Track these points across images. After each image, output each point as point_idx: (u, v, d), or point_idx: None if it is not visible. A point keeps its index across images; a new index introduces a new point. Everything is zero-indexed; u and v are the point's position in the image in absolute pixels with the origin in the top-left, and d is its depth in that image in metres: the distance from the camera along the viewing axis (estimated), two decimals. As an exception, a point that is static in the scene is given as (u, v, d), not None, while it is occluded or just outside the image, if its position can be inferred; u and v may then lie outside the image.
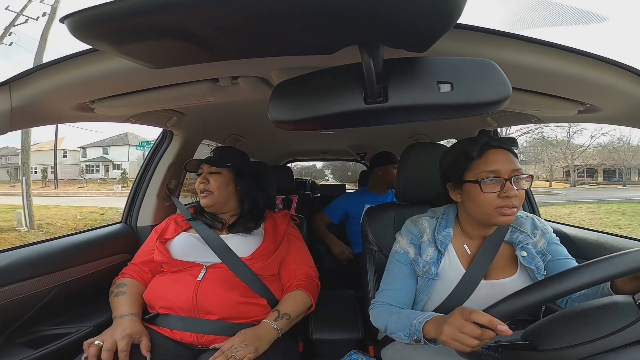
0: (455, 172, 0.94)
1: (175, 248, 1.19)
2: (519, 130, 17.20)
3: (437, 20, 0.42)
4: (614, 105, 0.91)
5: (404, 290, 1.00)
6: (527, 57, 0.71)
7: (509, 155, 0.88)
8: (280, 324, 1.06)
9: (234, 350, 0.92)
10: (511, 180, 0.85)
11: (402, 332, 0.86)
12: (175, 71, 0.72)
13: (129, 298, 1.11)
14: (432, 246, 0.98)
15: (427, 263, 0.97)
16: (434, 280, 0.96)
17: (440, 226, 1.00)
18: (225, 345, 0.95)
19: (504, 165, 0.86)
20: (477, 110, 0.52)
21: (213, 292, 1.07)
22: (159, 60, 0.56)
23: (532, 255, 0.93)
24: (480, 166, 0.88)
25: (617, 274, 0.61)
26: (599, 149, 24.92)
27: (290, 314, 1.10)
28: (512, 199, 0.84)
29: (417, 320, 0.82)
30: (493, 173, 0.86)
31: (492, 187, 0.85)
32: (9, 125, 0.86)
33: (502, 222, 0.87)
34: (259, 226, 1.27)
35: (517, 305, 0.65)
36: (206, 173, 1.25)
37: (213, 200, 1.23)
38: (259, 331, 1.02)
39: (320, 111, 0.54)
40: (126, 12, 0.40)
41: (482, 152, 0.89)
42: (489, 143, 0.90)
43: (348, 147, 3.29)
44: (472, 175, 0.89)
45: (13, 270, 1.01)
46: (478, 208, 0.89)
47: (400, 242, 1.04)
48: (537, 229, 0.98)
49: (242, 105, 1.26)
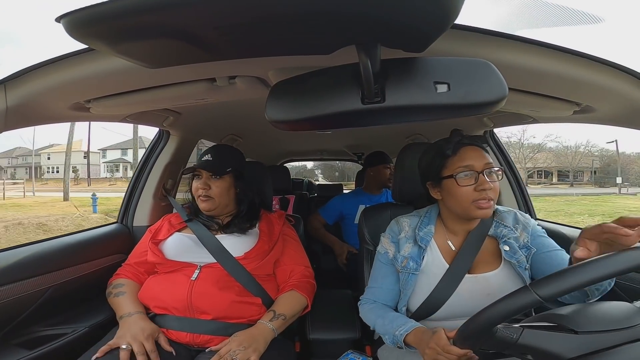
0: (433, 171, 0.99)
1: (168, 249, 1.18)
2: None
3: (435, 21, 0.43)
4: (609, 105, 0.92)
5: (386, 289, 1.05)
6: (524, 57, 0.72)
7: (480, 151, 0.95)
8: (275, 324, 1.06)
9: (233, 354, 0.92)
10: (484, 173, 0.90)
11: (387, 338, 0.94)
12: (171, 71, 0.72)
13: (131, 297, 1.11)
14: (410, 242, 1.03)
15: (404, 258, 1.01)
16: (414, 275, 1.00)
17: (422, 224, 1.05)
18: (223, 350, 0.94)
19: (477, 161, 0.92)
20: (473, 110, 0.53)
21: (207, 292, 1.07)
22: (155, 59, 0.55)
23: (514, 250, 0.96)
24: (455, 162, 0.94)
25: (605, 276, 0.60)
26: (554, 153, 29.87)
27: (286, 315, 1.09)
28: (487, 192, 0.90)
29: (399, 331, 0.90)
30: (467, 168, 0.92)
31: (467, 181, 0.91)
32: (4, 125, 0.85)
33: (480, 215, 0.92)
34: (255, 226, 1.27)
35: (489, 315, 0.65)
36: (206, 178, 1.21)
37: (214, 205, 1.21)
38: (255, 332, 1.02)
39: (317, 111, 0.54)
40: (122, 11, 0.39)
41: (457, 150, 0.95)
42: (462, 141, 0.96)
43: (345, 147, 3.29)
44: (449, 172, 0.94)
45: (8, 270, 1.00)
46: (456, 202, 0.94)
47: (383, 242, 1.09)
48: (518, 223, 1.01)
49: (239, 105, 1.26)
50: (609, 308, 0.65)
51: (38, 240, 1.20)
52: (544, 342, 0.60)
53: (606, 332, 0.59)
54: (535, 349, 0.60)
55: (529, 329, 0.62)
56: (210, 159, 1.22)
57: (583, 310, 0.66)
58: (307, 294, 1.19)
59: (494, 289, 0.93)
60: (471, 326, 0.65)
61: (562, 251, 0.96)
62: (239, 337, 0.98)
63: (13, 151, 39.57)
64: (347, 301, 1.41)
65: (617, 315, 0.62)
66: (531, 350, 0.61)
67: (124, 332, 0.96)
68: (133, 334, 0.95)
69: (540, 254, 0.95)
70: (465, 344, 0.69)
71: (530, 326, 0.63)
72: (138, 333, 0.95)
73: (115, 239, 1.47)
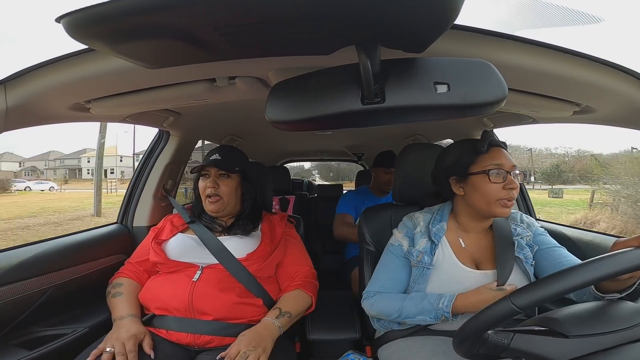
0: (460, 167, 1.01)
1: (171, 249, 1.18)
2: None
3: (434, 21, 0.43)
4: (609, 106, 0.92)
5: (396, 282, 1.06)
6: (524, 58, 0.72)
7: (507, 153, 0.98)
8: (281, 321, 1.05)
9: (244, 355, 0.91)
10: (511, 174, 0.95)
11: (427, 316, 0.95)
12: (172, 71, 0.71)
13: (127, 298, 1.10)
14: (425, 237, 1.05)
15: (420, 253, 1.03)
16: (428, 269, 1.01)
17: (434, 220, 1.07)
18: (232, 351, 0.93)
19: (506, 161, 0.96)
20: (473, 110, 0.53)
21: (208, 293, 1.06)
22: (155, 60, 0.55)
23: (521, 246, 1.01)
24: (486, 160, 0.97)
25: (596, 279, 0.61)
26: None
27: (292, 313, 1.09)
28: (513, 191, 0.94)
29: (443, 303, 0.93)
30: (498, 166, 0.95)
31: (497, 178, 0.94)
32: (4, 125, 0.85)
33: (502, 213, 0.96)
34: (257, 228, 1.27)
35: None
36: (214, 176, 1.21)
37: (223, 206, 1.20)
38: (262, 330, 1.01)
39: (317, 111, 0.54)
40: (123, 12, 0.39)
41: (489, 148, 0.98)
42: (494, 140, 1.00)
43: (345, 148, 3.29)
44: (479, 168, 0.97)
45: (8, 271, 1.00)
46: (482, 198, 0.97)
47: (396, 236, 1.11)
48: (523, 222, 1.07)
49: (239, 106, 1.26)
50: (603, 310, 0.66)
51: (38, 241, 1.20)
52: (534, 346, 0.62)
53: (596, 335, 0.60)
54: (527, 353, 0.62)
55: (520, 333, 0.64)
56: (218, 157, 1.21)
57: (576, 312, 0.67)
58: (312, 293, 1.19)
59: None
60: (462, 334, 0.67)
61: (562, 248, 1.01)
62: (247, 336, 0.97)
63: (48, 154, 45.27)
64: (347, 301, 1.41)
65: (609, 317, 0.64)
66: (523, 354, 0.63)
67: (111, 335, 0.97)
68: (117, 336, 0.95)
69: (541, 251, 1.01)
70: (462, 349, 0.70)
71: (522, 331, 0.65)
72: (121, 333, 0.95)
73: (115, 240, 1.47)
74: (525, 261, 0.98)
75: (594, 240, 1.27)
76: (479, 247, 1.03)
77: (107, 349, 0.91)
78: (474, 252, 1.03)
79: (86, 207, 13.91)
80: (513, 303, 0.60)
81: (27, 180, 32.91)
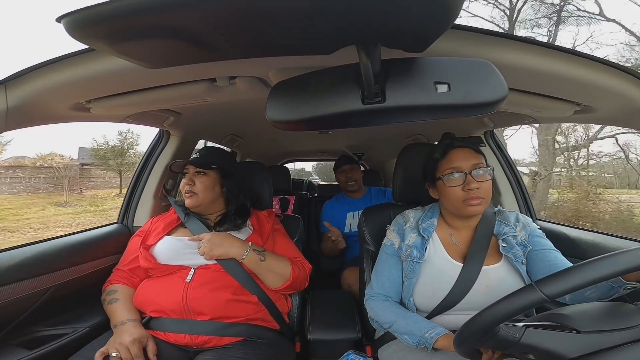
0: (429, 173, 1.08)
1: (160, 253, 1.17)
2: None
3: (435, 21, 0.43)
4: (609, 105, 0.92)
5: (393, 281, 1.08)
6: (524, 57, 0.72)
7: (470, 152, 1.00)
8: (254, 253, 1.14)
9: (207, 243, 1.11)
10: (472, 173, 0.96)
11: (410, 338, 0.94)
12: (172, 71, 0.72)
13: (125, 304, 1.11)
14: (414, 232, 1.08)
15: (409, 247, 1.06)
16: (418, 263, 1.03)
17: (425, 217, 1.11)
18: (205, 236, 1.14)
19: (464, 162, 0.98)
20: (474, 110, 0.53)
21: (203, 293, 1.07)
22: (156, 60, 0.55)
23: (510, 245, 1.01)
24: (444, 165, 1.01)
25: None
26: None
27: (267, 257, 1.15)
28: (475, 191, 0.96)
29: (430, 334, 0.91)
30: (454, 169, 0.98)
31: (454, 182, 0.98)
32: (5, 126, 0.85)
33: (471, 212, 0.98)
34: (246, 223, 1.29)
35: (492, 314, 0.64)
36: (192, 174, 1.26)
37: (198, 202, 1.24)
38: (235, 241, 1.15)
39: (317, 111, 0.54)
40: (123, 11, 0.39)
41: (445, 152, 1.02)
42: (451, 144, 1.03)
43: (345, 148, 3.28)
44: (440, 173, 1.02)
45: (8, 270, 1.00)
46: (449, 202, 1.01)
47: (389, 235, 1.14)
48: (518, 222, 1.07)
49: (240, 106, 1.26)
50: (611, 308, 0.65)
51: (38, 241, 1.20)
52: (546, 341, 0.60)
53: (608, 332, 0.59)
54: (537, 348, 0.60)
55: (532, 328, 0.62)
56: (197, 156, 1.28)
57: (585, 310, 0.66)
58: (296, 270, 1.21)
59: (492, 282, 0.97)
60: (474, 325, 0.64)
61: (556, 252, 1.01)
62: (221, 235, 1.14)
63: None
64: (347, 301, 1.41)
65: (619, 315, 0.63)
66: (533, 349, 0.61)
67: (114, 340, 0.97)
68: (121, 340, 0.96)
69: (535, 252, 1.00)
70: (466, 343, 0.69)
71: (533, 325, 0.63)
72: (124, 338, 0.96)
73: (115, 239, 1.46)
74: (515, 260, 0.98)
75: (594, 240, 1.27)
76: (468, 244, 1.05)
77: (113, 354, 0.92)
78: (463, 248, 1.05)
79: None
80: (542, 291, 0.57)
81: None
